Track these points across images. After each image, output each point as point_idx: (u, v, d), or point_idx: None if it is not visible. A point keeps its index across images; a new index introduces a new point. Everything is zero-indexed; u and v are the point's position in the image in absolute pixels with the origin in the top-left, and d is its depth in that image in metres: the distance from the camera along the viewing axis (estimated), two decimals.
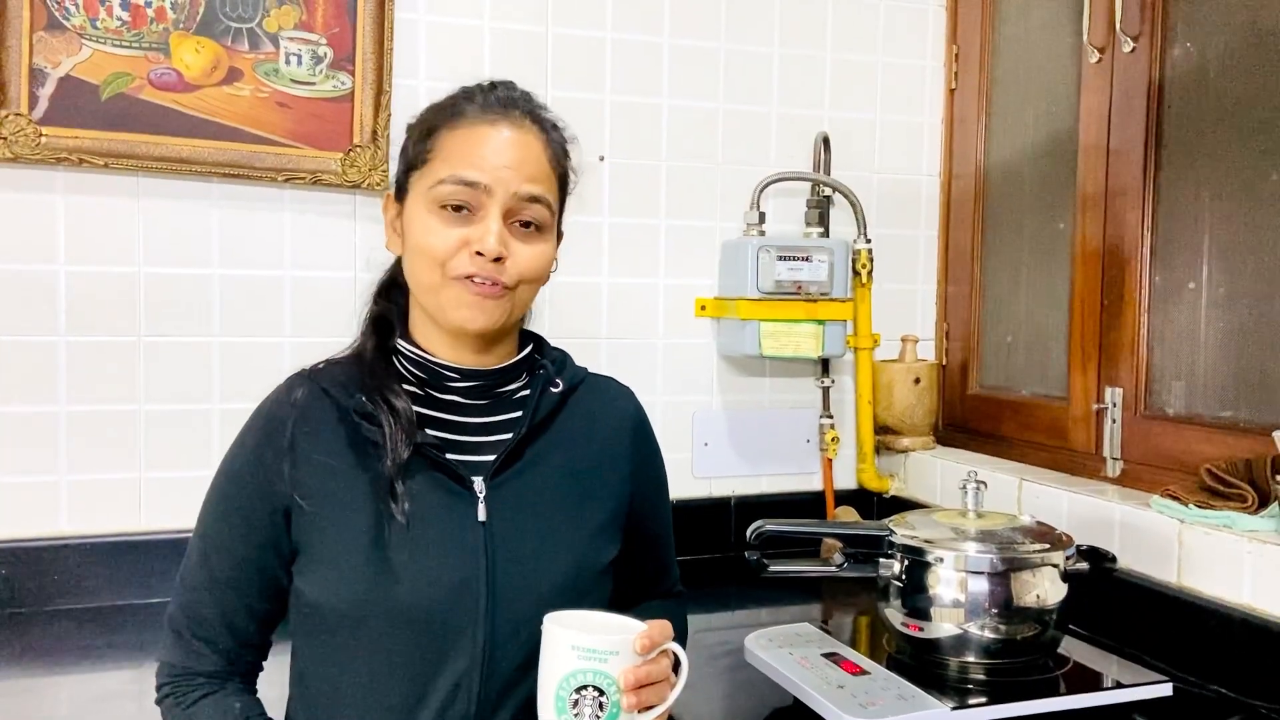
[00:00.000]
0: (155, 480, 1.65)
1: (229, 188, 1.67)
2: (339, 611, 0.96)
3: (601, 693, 0.88)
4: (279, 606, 1.03)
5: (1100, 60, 1.66)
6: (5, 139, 1.52)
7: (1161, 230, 1.57)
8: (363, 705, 0.97)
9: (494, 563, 0.98)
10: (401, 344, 1.05)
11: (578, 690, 0.88)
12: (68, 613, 1.58)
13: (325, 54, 1.67)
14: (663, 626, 0.92)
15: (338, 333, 1.15)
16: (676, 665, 0.95)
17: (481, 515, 1.00)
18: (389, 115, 1.69)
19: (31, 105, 1.54)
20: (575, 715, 0.88)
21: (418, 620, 0.96)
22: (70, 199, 1.60)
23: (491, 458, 1.03)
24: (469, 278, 0.99)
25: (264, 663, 1.05)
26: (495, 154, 0.99)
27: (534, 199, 1.01)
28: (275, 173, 1.66)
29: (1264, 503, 1.31)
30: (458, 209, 0.99)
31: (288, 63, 1.65)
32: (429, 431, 1.02)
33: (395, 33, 1.71)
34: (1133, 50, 1.59)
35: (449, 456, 1.01)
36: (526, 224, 1.01)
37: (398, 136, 1.69)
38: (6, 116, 1.52)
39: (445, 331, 1.03)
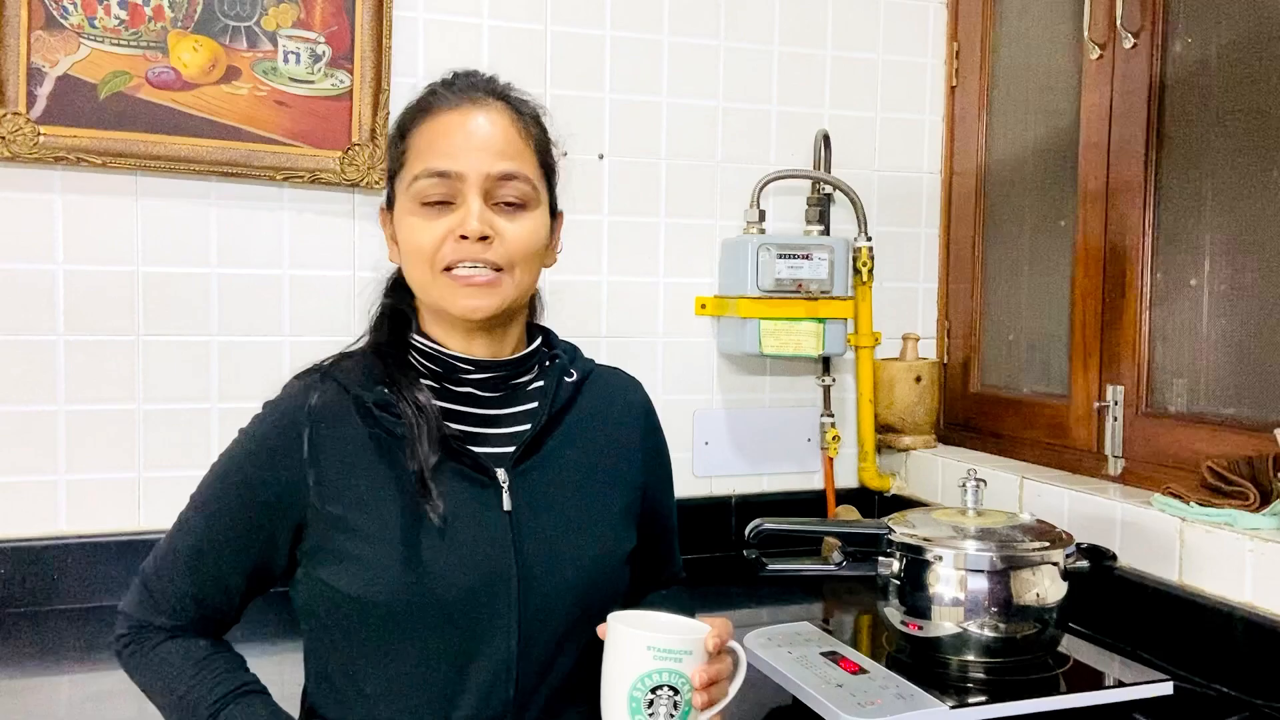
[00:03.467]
0: (154, 480, 1.65)
1: (227, 186, 1.66)
2: (375, 608, 0.96)
3: (676, 692, 0.89)
4: (259, 588, 1.03)
5: (1101, 57, 1.65)
6: (3, 138, 1.52)
7: (1163, 227, 1.56)
8: (401, 697, 0.97)
9: (521, 551, 0.99)
10: (416, 338, 1.06)
11: (653, 690, 0.88)
12: (66, 612, 1.58)
13: (323, 52, 1.67)
14: (726, 625, 0.94)
15: (336, 332, 1.14)
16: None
17: (507, 505, 1.00)
18: (388, 114, 1.69)
19: (29, 104, 1.54)
20: (650, 715, 0.89)
21: (455, 613, 0.96)
22: (68, 198, 1.60)
23: (510, 449, 1.03)
24: (454, 268, 0.99)
25: (227, 630, 1.05)
26: (464, 139, 0.99)
27: (509, 176, 1.00)
28: (273, 171, 1.65)
29: (1265, 501, 1.30)
30: (440, 204, 0.99)
31: (286, 61, 1.65)
32: (449, 424, 1.02)
33: (394, 30, 1.70)
34: (1133, 46, 1.58)
35: (470, 449, 1.01)
36: (510, 203, 1.01)
37: None
38: (4, 116, 1.52)
39: (456, 325, 1.03)
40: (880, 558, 1.30)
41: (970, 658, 1.24)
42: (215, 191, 1.66)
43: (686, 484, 1.93)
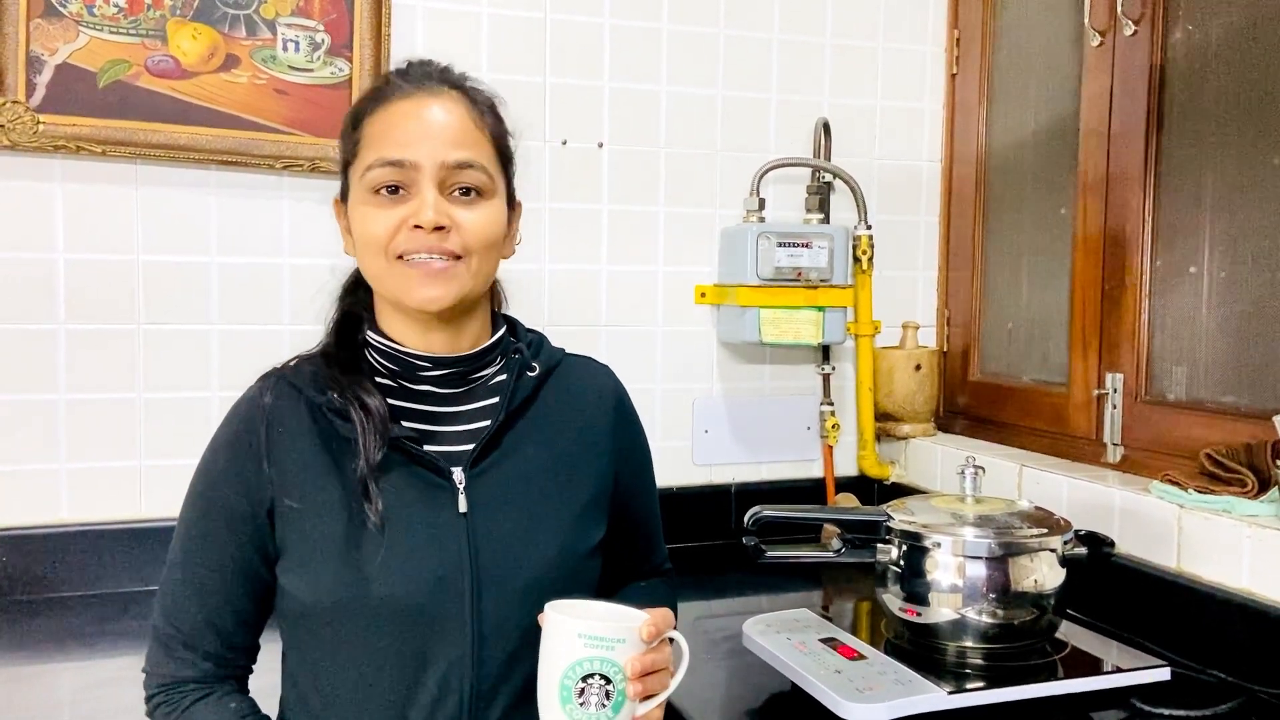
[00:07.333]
0: (155, 468, 1.66)
1: (227, 175, 1.66)
2: (322, 612, 0.96)
3: (608, 681, 0.87)
4: (266, 607, 1.02)
5: (1101, 44, 1.65)
6: (3, 127, 1.52)
7: (1163, 214, 1.56)
8: (356, 701, 0.97)
9: (477, 554, 0.98)
10: (371, 336, 1.04)
11: (584, 679, 0.87)
12: (68, 600, 1.58)
13: (323, 40, 1.66)
14: (665, 614, 0.92)
15: None
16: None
17: (462, 507, 0.99)
18: None
19: (29, 93, 1.54)
20: (581, 704, 0.87)
21: (400, 618, 0.95)
22: (68, 187, 1.60)
23: (469, 447, 1.02)
24: (407, 256, 0.98)
25: (254, 665, 1.04)
26: (418, 127, 0.98)
27: (465, 164, 0.99)
28: (273, 160, 1.65)
29: (1264, 488, 1.31)
30: (393, 191, 0.98)
31: (285, 49, 1.65)
32: (404, 424, 1.01)
33: (393, 19, 1.70)
34: (1134, 33, 1.58)
35: (426, 448, 1.00)
36: (466, 191, 1.00)
37: None
38: (4, 104, 1.52)
39: (413, 318, 1.02)
40: (879, 545, 1.30)
41: (968, 644, 1.24)
42: (215, 180, 1.66)
43: (686, 472, 1.94)
